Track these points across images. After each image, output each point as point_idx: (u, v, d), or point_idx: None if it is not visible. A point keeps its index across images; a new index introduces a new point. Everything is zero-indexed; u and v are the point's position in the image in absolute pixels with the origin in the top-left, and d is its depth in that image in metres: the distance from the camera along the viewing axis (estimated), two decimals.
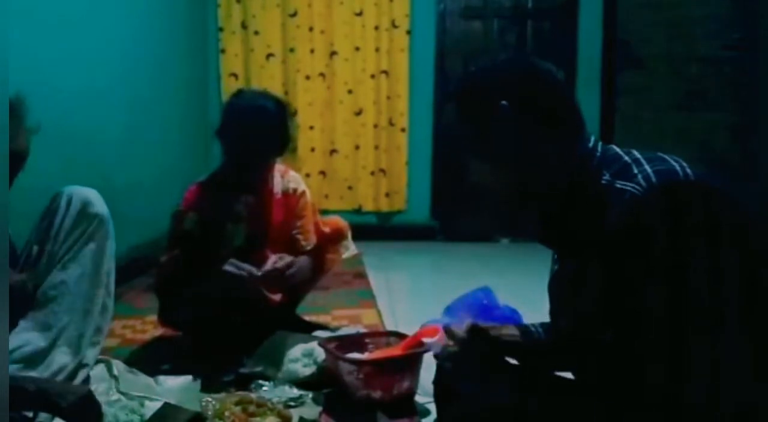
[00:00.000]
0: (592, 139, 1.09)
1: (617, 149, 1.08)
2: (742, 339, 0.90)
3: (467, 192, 1.17)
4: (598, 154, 1.07)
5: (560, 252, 1.17)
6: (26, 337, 1.55)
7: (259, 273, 1.98)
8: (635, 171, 0.97)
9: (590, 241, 1.01)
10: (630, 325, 0.93)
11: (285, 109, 2.10)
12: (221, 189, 2.12)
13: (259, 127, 2.01)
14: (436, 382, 1.32)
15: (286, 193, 2.22)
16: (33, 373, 1.52)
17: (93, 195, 1.70)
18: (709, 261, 0.89)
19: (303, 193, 2.25)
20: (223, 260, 2.05)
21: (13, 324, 1.53)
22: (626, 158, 1.03)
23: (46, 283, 1.62)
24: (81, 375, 1.64)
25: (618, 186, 0.97)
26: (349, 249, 2.40)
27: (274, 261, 2.04)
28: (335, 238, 2.36)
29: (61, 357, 1.60)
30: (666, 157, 1.00)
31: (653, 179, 0.94)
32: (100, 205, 1.70)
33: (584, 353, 1.07)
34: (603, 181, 1.01)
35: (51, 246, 1.64)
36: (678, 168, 0.96)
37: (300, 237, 2.24)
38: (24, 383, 1.37)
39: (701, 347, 0.88)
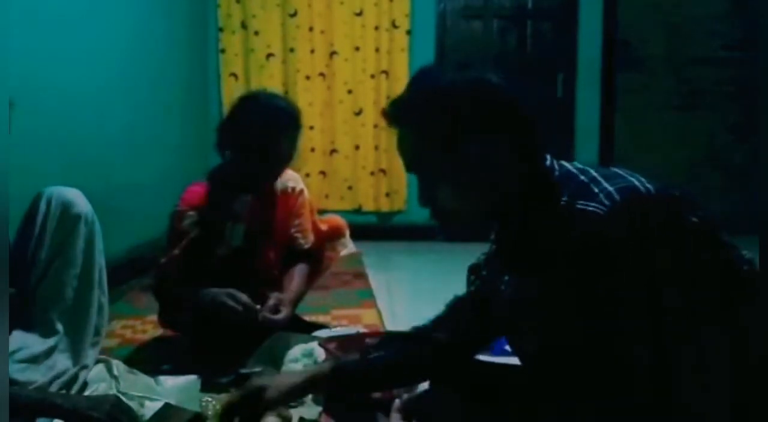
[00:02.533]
0: (548, 157, 1.09)
1: (570, 167, 1.07)
2: (722, 339, 0.91)
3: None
4: (556, 172, 1.06)
5: (519, 273, 1.14)
6: (24, 340, 1.55)
7: (258, 307, 1.95)
8: (596, 190, 0.97)
9: (553, 262, 1.00)
10: (611, 340, 0.93)
11: (300, 112, 2.10)
12: (223, 188, 2.11)
13: (287, 131, 2.00)
14: None
15: (284, 191, 2.22)
16: (35, 375, 1.52)
17: (73, 194, 1.65)
18: (680, 268, 0.90)
19: (301, 191, 2.25)
20: (223, 261, 2.06)
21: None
22: (582, 177, 1.02)
23: (41, 287, 1.60)
24: (81, 377, 1.64)
25: (579, 207, 0.97)
26: (348, 246, 2.40)
27: (266, 315, 1.97)
28: (333, 236, 2.36)
29: (63, 362, 1.60)
30: (623, 173, 1.00)
31: (615, 196, 0.94)
32: (82, 204, 1.65)
33: (557, 373, 1.06)
34: (562, 202, 1.00)
35: (35, 251, 1.60)
36: (638, 183, 0.96)
37: (298, 235, 2.24)
38: (56, 399, 1.43)
39: (687, 353, 0.90)
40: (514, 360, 1.25)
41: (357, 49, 4.35)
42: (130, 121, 3.17)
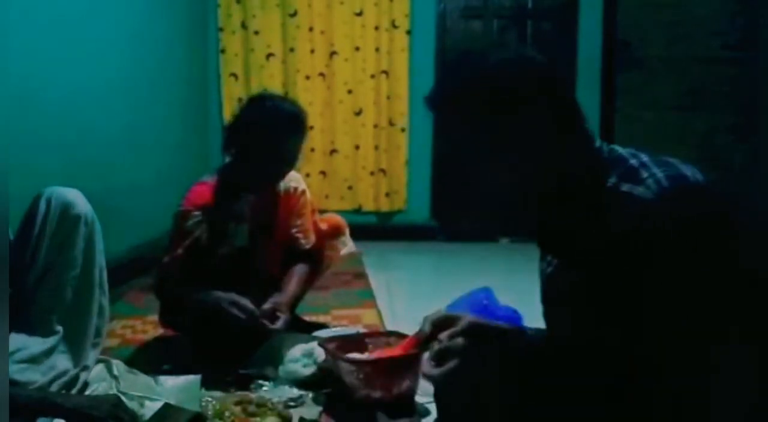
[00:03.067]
0: (598, 139, 1.06)
1: (621, 150, 1.04)
2: (753, 345, 0.89)
3: (468, 194, 1.10)
4: (605, 154, 1.04)
5: (561, 257, 1.12)
6: (24, 340, 1.55)
7: (259, 313, 1.95)
8: (645, 175, 0.95)
9: (596, 246, 0.98)
10: (647, 333, 0.91)
11: (306, 115, 2.10)
12: (228, 189, 2.11)
13: (294, 133, 2.01)
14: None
15: (286, 192, 2.22)
16: (35, 375, 1.52)
17: (73, 195, 1.63)
18: (717, 262, 0.88)
19: (303, 191, 2.26)
20: (225, 261, 2.06)
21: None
22: (632, 161, 1.00)
23: (41, 288, 1.59)
24: (82, 378, 1.64)
25: (625, 189, 0.95)
26: (347, 245, 2.40)
27: (265, 323, 1.96)
28: (333, 234, 2.37)
29: (63, 363, 1.59)
30: (675, 161, 0.98)
31: (664, 183, 0.92)
32: (82, 205, 1.63)
33: (588, 361, 1.05)
34: (609, 184, 0.98)
35: (35, 251, 1.58)
36: (688, 172, 0.95)
37: (300, 235, 2.24)
38: (56, 398, 1.44)
39: (724, 355, 0.88)
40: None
41: (357, 49, 4.35)
42: (131, 121, 3.17)
